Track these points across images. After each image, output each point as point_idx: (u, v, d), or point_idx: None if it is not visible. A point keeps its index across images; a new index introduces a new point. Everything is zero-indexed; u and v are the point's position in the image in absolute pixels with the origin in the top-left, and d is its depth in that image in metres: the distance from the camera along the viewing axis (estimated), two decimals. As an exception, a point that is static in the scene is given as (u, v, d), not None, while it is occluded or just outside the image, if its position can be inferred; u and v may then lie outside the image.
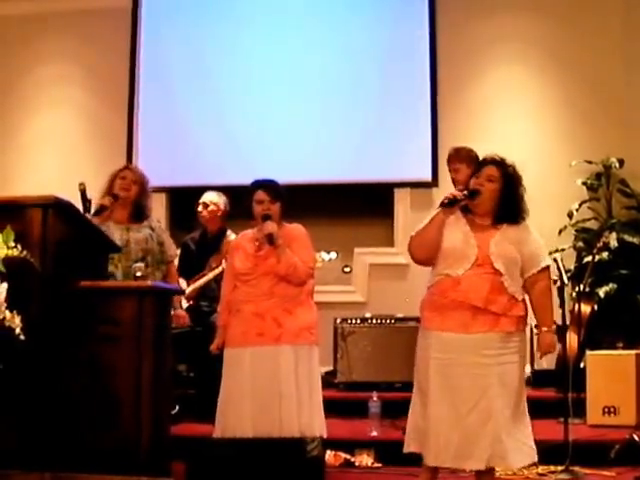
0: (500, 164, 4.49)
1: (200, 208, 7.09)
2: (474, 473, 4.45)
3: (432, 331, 4.34)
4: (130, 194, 5.91)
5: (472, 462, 4.23)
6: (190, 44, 9.57)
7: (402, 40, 9.20)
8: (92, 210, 5.39)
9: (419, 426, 4.36)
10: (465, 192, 4.39)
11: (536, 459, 4.42)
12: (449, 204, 4.33)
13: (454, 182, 6.26)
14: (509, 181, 4.44)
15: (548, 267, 4.46)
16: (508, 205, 4.41)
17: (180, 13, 9.67)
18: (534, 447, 4.37)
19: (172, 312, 6.06)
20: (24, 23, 9.87)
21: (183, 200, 8.69)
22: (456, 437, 4.20)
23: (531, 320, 7.42)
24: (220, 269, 6.48)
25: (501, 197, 4.40)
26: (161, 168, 6.17)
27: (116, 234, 5.79)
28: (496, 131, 8.82)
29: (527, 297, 4.45)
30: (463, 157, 6.25)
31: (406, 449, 4.44)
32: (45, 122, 9.80)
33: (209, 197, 7.09)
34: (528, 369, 7.58)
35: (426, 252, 4.40)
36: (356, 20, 9.26)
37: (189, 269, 6.91)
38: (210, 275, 6.81)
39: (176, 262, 6.35)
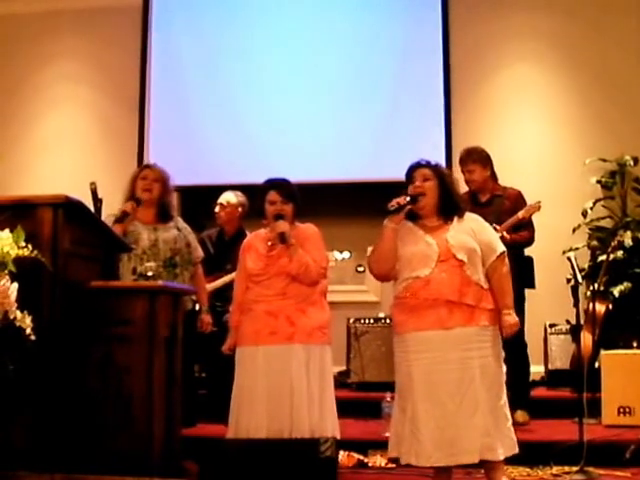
0: (427, 164, 4.66)
1: (217, 209, 7.05)
2: (484, 473, 4.47)
3: (407, 333, 4.41)
4: (153, 194, 5.89)
5: (466, 457, 4.27)
6: (202, 42, 9.57)
7: (415, 39, 9.17)
8: (103, 211, 5.35)
9: (398, 432, 4.42)
10: (407, 197, 4.50)
11: (517, 451, 4.41)
12: (395, 211, 4.48)
13: (468, 183, 6.26)
14: (442, 177, 4.59)
15: (504, 252, 4.55)
16: (450, 199, 4.55)
17: (191, 11, 9.66)
18: (515, 439, 4.40)
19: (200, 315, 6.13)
20: (35, 21, 9.89)
21: (195, 199, 8.69)
22: (447, 434, 4.25)
23: (546, 320, 7.45)
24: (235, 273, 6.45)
25: (441, 193, 4.54)
26: (172, 167, 6.12)
27: (144, 234, 5.79)
28: (510, 129, 8.80)
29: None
30: (477, 158, 6.27)
31: (389, 454, 4.56)
32: (56, 121, 9.81)
33: (226, 198, 7.05)
34: (541, 368, 7.58)
35: (384, 265, 4.56)
36: (370, 19, 9.24)
37: (205, 269, 6.87)
38: (226, 278, 6.74)
39: None
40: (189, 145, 9.37)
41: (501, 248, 4.53)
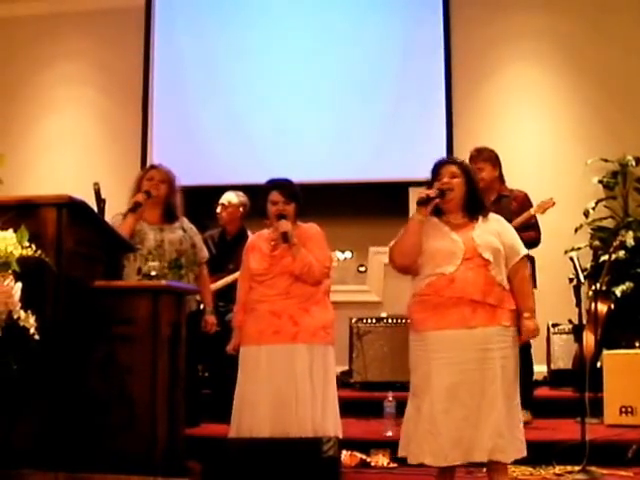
0: (455, 162, 4.61)
1: (219, 209, 7.06)
2: (487, 473, 4.46)
3: (427, 332, 4.35)
4: (159, 195, 5.90)
5: (477, 454, 4.24)
6: (204, 43, 9.60)
7: (417, 39, 9.20)
8: (106, 211, 5.36)
9: (409, 431, 4.36)
10: (436, 191, 4.43)
11: (525, 454, 4.39)
12: (424, 202, 4.39)
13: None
14: (469, 175, 4.53)
15: (526, 256, 4.52)
16: (475, 197, 4.51)
17: (193, 12, 9.70)
18: (524, 442, 4.37)
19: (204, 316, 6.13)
20: (37, 23, 9.93)
21: (198, 199, 8.69)
22: (465, 434, 4.21)
23: (548, 319, 7.44)
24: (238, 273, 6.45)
25: (467, 191, 4.48)
26: (175, 167, 6.12)
27: (150, 234, 5.79)
28: (511, 129, 8.82)
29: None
30: (487, 157, 6.28)
31: (399, 453, 4.48)
32: (59, 122, 9.84)
33: (227, 198, 7.06)
34: (544, 368, 7.59)
35: (408, 258, 4.44)
36: (371, 19, 9.28)
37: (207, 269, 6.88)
38: (229, 279, 6.74)
39: None
40: (192, 145, 9.39)
41: (524, 251, 4.50)
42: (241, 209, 7.00)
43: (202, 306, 6.24)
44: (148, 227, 5.83)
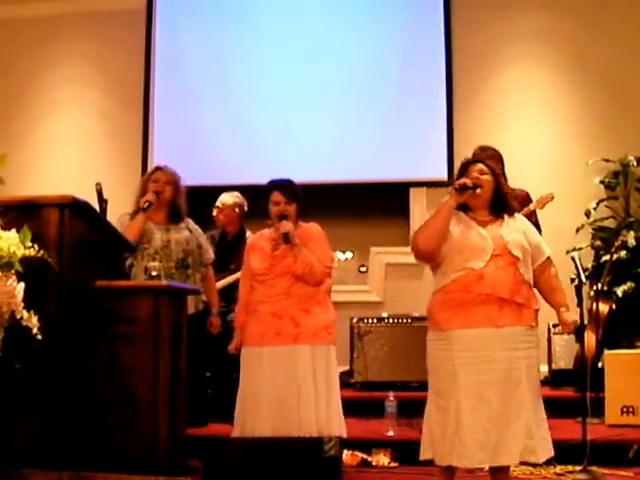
0: (482, 161, 4.61)
1: (215, 212, 7.07)
2: (489, 472, 4.44)
3: (453, 330, 4.27)
4: (165, 196, 5.90)
5: (506, 457, 4.21)
6: (205, 44, 9.60)
7: (417, 40, 9.20)
8: (108, 211, 5.37)
9: (434, 433, 4.30)
10: (469, 181, 4.41)
11: (552, 454, 4.39)
12: (461, 189, 4.35)
13: None
14: (496, 175, 4.53)
15: (550, 255, 4.53)
16: (502, 196, 4.50)
17: (195, 13, 9.70)
18: (551, 441, 4.35)
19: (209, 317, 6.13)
20: (39, 24, 9.94)
21: (200, 200, 8.69)
22: (492, 435, 4.17)
23: (550, 320, 7.44)
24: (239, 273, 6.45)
25: (494, 189, 4.47)
26: (177, 168, 6.12)
27: (157, 234, 5.81)
28: (512, 130, 8.81)
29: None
30: (491, 154, 6.26)
31: (422, 456, 4.39)
32: (61, 123, 9.85)
33: (222, 200, 7.07)
34: (545, 368, 7.59)
35: (434, 243, 4.34)
36: (372, 21, 9.28)
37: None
38: (230, 279, 6.74)
39: None
40: (193, 146, 9.40)
41: (549, 251, 4.50)
42: (237, 210, 7.01)
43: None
44: (155, 227, 5.84)
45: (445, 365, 4.28)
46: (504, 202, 4.50)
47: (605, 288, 7.31)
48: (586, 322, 6.19)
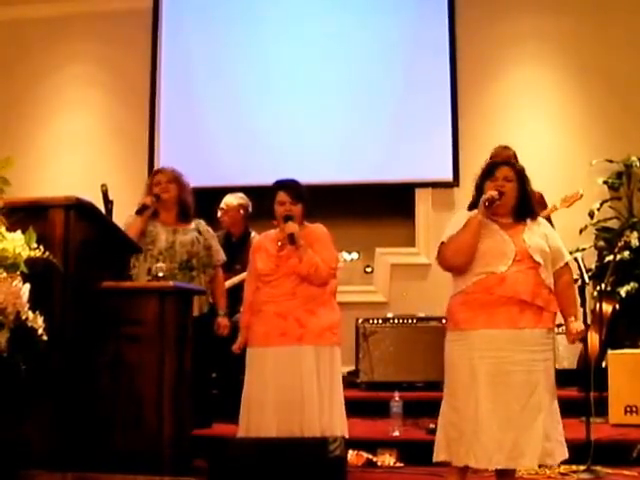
0: (511, 164, 4.61)
1: (219, 214, 7.08)
2: (494, 473, 4.44)
3: (474, 330, 4.29)
4: (171, 195, 5.92)
5: (526, 460, 4.22)
6: (210, 45, 9.62)
7: (422, 40, 9.21)
8: (114, 212, 5.39)
9: (449, 434, 4.32)
10: (496, 193, 4.42)
11: (567, 456, 4.39)
12: (491, 204, 4.38)
13: None
14: (522, 179, 4.52)
15: (568, 261, 4.54)
16: (527, 202, 4.50)
17: (200, 14, 9.71)
18: (565, 444, 4.36)
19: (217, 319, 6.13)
20: (45, 25, 9.97)
21: (206, 201, 8.72)
22: (510, 436, 4.17)
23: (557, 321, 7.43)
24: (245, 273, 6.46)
25: (519, 195, 4.47)
26: (182, 169, 6.13)
27: (162, 235, 5.82)
28: (516, 131, 8.80)
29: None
30: (511, 154, 6.26)
31: (436, 458, 4.39)
32: (67, 123, 9.87)
33: (226, 201, 7.07)
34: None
35: (464, 258, 4.36)
36: (377, 21, 9.29)
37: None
38: (235, 279, 6.75)
39: None
40: (199, 147, 9.41)
41: (568, 256, 4.53)
42: (241, 211, 7.01)
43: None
44: (162, 228, 5.85)
45: (464, 365, 4.30)
46: (528, 207, 4.51)
47: (608, 288, 7.31)
48: (590, 322, 6.19)
